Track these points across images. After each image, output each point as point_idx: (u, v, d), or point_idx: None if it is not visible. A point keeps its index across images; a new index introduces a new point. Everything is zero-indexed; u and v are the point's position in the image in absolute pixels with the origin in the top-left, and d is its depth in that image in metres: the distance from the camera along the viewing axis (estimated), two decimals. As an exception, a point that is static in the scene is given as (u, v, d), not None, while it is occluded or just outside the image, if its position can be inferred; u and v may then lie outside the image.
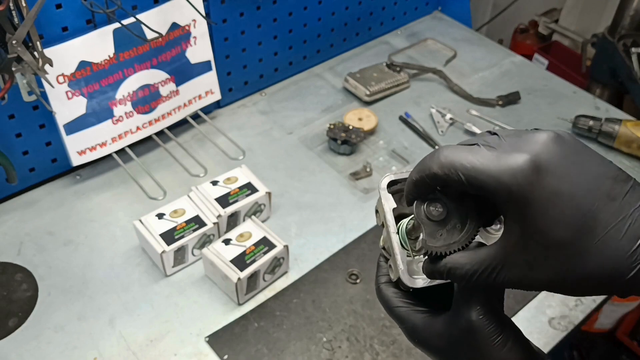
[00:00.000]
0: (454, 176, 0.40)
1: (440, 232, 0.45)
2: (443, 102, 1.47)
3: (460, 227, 0.45)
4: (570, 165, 0.39)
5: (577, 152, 0.39)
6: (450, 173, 0.41)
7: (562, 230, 0.38)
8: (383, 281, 0.51)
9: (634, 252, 0.37)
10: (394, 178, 0.51)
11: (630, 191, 0.38)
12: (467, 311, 0.44)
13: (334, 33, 1.57)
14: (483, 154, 0.40)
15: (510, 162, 0.39)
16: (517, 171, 0.38)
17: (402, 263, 0.48)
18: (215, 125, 1.38)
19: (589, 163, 0.39)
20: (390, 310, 0.49)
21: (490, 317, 0.44)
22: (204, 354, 0.98)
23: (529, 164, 0.38)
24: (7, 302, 1.02)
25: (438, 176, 0.41)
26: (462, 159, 0.40)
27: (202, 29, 1.26)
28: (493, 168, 0.39)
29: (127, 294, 1.06)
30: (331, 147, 1.34)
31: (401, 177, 0.51)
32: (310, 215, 1.20)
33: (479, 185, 0.40)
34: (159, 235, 1.06)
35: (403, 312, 0.49)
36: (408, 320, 0.48)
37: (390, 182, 0.50)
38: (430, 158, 0.42)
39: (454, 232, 0.45)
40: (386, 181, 0.50)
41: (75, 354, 0.97)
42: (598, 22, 1.99)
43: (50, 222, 1.17)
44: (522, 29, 2.20)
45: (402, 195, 0.51)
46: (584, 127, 1.38)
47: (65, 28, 1.09)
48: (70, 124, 1.15)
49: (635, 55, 1.58)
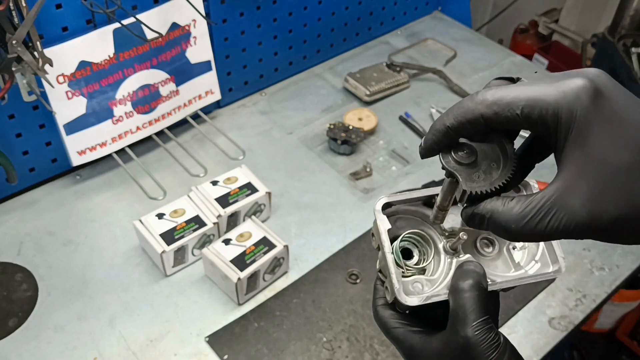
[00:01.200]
0: (507, 112, 0.38)
1: (477, 174, 0.43)
2: (443, 102, 1.47)
3: (496, 165, 0.44)
4: (624, 93, 0.38)
5: (623, 87, 0.39)
6: (501, 110, 0.39)
7: (629, 154, 0.36)
8: (380, 304, 0.51)
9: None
10: (388, 200, 0.51)
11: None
12: (463, 328, 0.44)
13: (334, 33, 1.57)
14: (535, 86, 0.38)
15: (570, 85, 0.37)
16: (580, 91, 0.37)
17: (397, 282, 0.48)
18: (215, 125, 1.38)
19: (636, 96, 0.39)
20: (387, 332, 0.50)
21: (487, 333, 0.44)
22: (204, 354, 0.98)
23: (590, 86, 0.37)
24: (7, 302, 1.02)
25: (486, 116, 0.39)
26: (515, 93, 0.39)
27: (202, 29, 1.26)
28: (552, 93, 0.37)
29: (127, 294, 1.06)
30: (331, 147, 1.34)
31: (395, 199, 0.52)
32: (310, 215, 1.20)
33: (537, 116, 0.38)
34: (159, 235, 1.06)
35: (400, 332, 0.49)
36: (405, 340, 0.48)
37: (385, 204, 0.51)
38: (471, 100, 0.40)
39: (491, 171, 0.44)
40: (381, 203, 0.51)
41: (75, 354, 0.97)
42: (598, 22, 1.99)
43: (50, 222, 1.17)
44: (522, 29, 2.20)
45: (397, 218, 0.53)
46: (584, 127, 1.37)
47: (65, 28, 1.09)
48: (70, 124, 1.15)
49: (635, 55, 1.58)
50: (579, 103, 0.37)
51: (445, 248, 0.52)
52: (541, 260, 0.53)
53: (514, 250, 0.53)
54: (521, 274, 0.52)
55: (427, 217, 0.52)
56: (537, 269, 0.52)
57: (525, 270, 0.52)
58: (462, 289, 0.46)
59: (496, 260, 0.53)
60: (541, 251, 0.53)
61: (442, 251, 0.52)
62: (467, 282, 0.46)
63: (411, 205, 0.53)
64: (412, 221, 0.53)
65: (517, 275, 0.52)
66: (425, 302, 0.48)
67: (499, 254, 0.53)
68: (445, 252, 0.52)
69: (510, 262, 0.53)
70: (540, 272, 0.52)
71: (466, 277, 0.47)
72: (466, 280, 0.46)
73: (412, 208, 0.53)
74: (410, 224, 0.53)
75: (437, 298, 0.49)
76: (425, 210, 0.53)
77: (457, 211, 0.50)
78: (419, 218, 0.53)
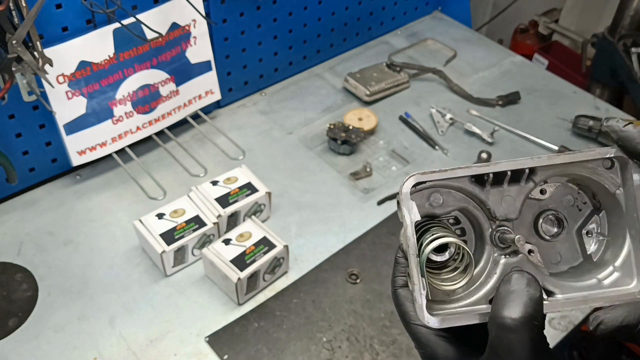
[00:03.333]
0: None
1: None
2: (443, 102, 1.47)
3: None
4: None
5: None
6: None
7: None
8: (400, 284, 0.42)
9: None
10: (422, 179, 0.40)
11: None
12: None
13: (334, 33, 1.57)
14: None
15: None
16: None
17: (420, 296, 0.38)
18: (215, 125, 1.38)
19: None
20: (407, 325, 0.42)
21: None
22: (204, 354, 0.98)
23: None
24: (7, 302, 1.02)
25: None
26: None
27: (202, 29, 1.26)
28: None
29: (127, 294, 1.06)
30: (331, 147, 1.34)
31: (432, 178, 0.40)
32: (310, 215, 1.20)
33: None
34: (159, 235, 1.06)
35: (422, 333, 0.41)
36: (427, 345, 0.40)
37: (416, 184, 0.40)
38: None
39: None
40: (410, 184, 0.39)
41: (75, 354, 0.97)
42: (598, 22, 1.99)
43: (50, 222, 1.17)
44: (522, 29, 2.19)
45: (434, 191, 0.41)
46: (584, 127, 1.38)
47: (65, 28, 1.09)
48: (70, 124, 1.15)
49: (635, 55, 1.58)
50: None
51: (493, 239, 0.41)
52: (622, 269, 0.40)
53: (588, 237, 0.42)
54: (591, 285, 0.40)
55: (475, 196, 0.41)
56: (614, 280, 0.40)
57: (599, 280, 0.40)
58: (509, 326, 0.35)
59: (562, 245, 0.42)
60: (625, 255, 0.40)
61: (487, 240, 0.41)
62: (514, 313, 0.36)
63: (454, 180, 0.41)
64: (453, 196, 0.41)
65: (585, 288, 0.40)
66: (448, 326, 0.39)
67: (567, 236, 0.42)
68: (494, 244, 0.41)
69: (579, 250, 0.42)
70: (619, 288, 0.39)
71: (514, 305, 0.36)
72: (513, 310, 0.36)
73: (455, 183, 0.41)
74: (449, 200, 0.42)
75: (469, 319, 0.39)
76: (475, 187, 0.41)
77: (516, 194, 0.41)
78: (463, 194, 0.42)
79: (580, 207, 0.42)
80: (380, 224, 1.19)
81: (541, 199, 0.42)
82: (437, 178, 0.40)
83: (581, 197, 0.42)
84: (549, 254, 0.42)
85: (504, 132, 1.40)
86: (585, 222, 0.42)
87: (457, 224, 0.43)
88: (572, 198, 0.42)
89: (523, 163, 0.40)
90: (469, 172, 0.40)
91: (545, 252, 0.41)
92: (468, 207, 0.42)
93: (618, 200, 0.40)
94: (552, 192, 0.41)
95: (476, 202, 0.41)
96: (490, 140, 1.37)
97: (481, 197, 0.41)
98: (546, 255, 0.41)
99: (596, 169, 0.40)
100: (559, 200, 0.42)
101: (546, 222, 0.41)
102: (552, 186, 0.41)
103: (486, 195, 0.41)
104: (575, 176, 0.41)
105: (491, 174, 0.40)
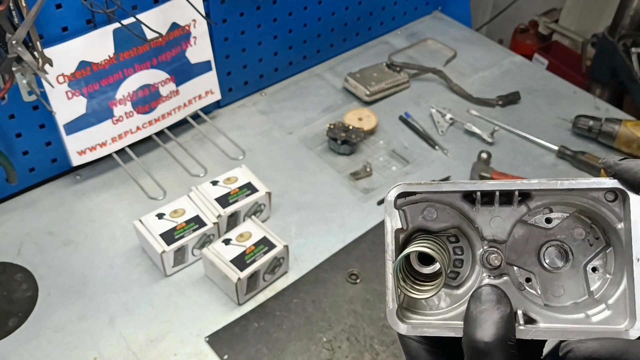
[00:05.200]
0: None
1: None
2: (443, 102, 1.47)
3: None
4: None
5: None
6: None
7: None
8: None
9: None
10: (408, 189, 0.40)
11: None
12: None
13: (334, 33, 1.57)
14: None
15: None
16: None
17: (392, 300, 0.39)
18: (215, 125, 1.38)
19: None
20: (400, 338, 0.42)
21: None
22: (204, 354, 0.98)
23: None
24: (7, 302, 1.02)
25: None
26: None
27: (202, 29, 1.26)
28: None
29: (127, 294, 1.06)
30: (331, 147, 1.34)
31: (420, 189, 0.41)
32: (310, 215, 1.20)
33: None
34: (159, 235, 1.06)
35: (413, 346, 0.40)
36: (415, 358, 0.40)
37: (402, 194, 0.40)
38: None
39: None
40: (395, 193, 0.40)
41: (75, 354, 0.97)
42: (598, 22, 1.99)
43: (50, 222, 1.17)
44: (522, 29, 2.20)
45: (427, 206, 0.41)
46: (584, 127, 1.38)
47: (65, 28, 1.09)
48: (70, 124, 1.15)
49: (635, 55, 1.58)
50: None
51: (482, 259, 0.41)
52: (614, 307, 0.39)
53: (594, 273, 0.41)
54: (578, 319, 0.39)
55: (465, 214, 0.41)
56: (604, 318, 0.39)
57: (588, 315, 0.39)
58: (483, 350, 0.34)
59: (567, 279, 0.41)
60: (620, 293, 0.39)
61: (478, 260, 0.41)
62: (486, 336, 0.35)
63: (445, 196, 0.41)
64: (447, 213, 0.42)
65: (569, 321, 0.39)
66: (417, 334, 0.39)
67: (572, 270, 0.41)
68: (482, 264, 0.41)
69: (584, 287, 0.41)
70: (608, 326, 0.38)
71: (485, 327, 0.35)
72: (484, 333, 0.35)
73: (447, 199, 0.41)
74: (444, 216, 0.42)
75: (438, 331, 0.39)
76: (465, 205, 0.41)
77: (506, 216, 0.40)
78: (456, 211, 0.41)
79: (592, 242, 0.41)
80: (380, 224, 1.19)
81: (547, 227, 0.41)
82: (422, 190, 0.40)
83: (593, 232, 0.41)
84: (553, 285, 0.41)
85: (504, 132, 1.40)
86: (593, 258, 0.41)
87: (456, 242, 0.42)
88: (583, 232, 0.41)
89: (511, 185, 0.39)
90: (455, 187, 0.40)
91: (547, 283, 0.41)
92: (462, 226, 0.41)
93: (619, 235, 0.39)
94: (561, 223, 0.41)
95: (467, 220, 0.41)
96: (490, 140, 1.37)
97: (470, 215, 0.41)
98: (548, 287, 0.40)
99: (600, 199, 0.39)
100: (569, 232, 0.41)
101: (550, 252, 0.41)
102: (559, 216, 0.41)
103: (475, 214, 0.41)
104: (581, 207, 0.40)
105: (479, 192, 0.40)
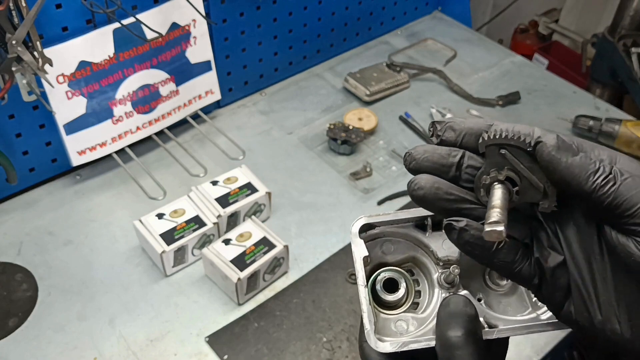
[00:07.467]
0: None
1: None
2: (443, 102, 1.47)
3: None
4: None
5: None
6: None
7: None
8: (366, 339, 0.45)
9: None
10: (369, 221, 0.44)
11: None
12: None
13: (334, 33, 1.57)
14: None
15: None
16: None
17: (369, 322, 0.42)
18: (215, 125, 1.38)
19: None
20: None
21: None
22: (204, 354, 0.98)
23: None
24: (7, 302, 1.02)
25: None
26: None
27: (202, 29, 1.26)
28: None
29: (127, 294, 1.06)
30: (331, 147, 1.34)
31: (378, 220, 0.44)
32: (310, 215, 1.20)
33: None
34: (159, 235, 1.06)
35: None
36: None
37: (364, 226, 0.44)
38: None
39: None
40: (358, 225, 0.44)
41: (75, 354, 0.97)
42: (598, 22, 1.99)
43: (50, 222, 1.17)
44: (522, 29, 2.20)
45: (385, 241, 0.45)
46: (584, 127, 1.38)
47: (65, 28, 1.09)
48: (70, 124, 1.15)
49: (635, 55, 1.58)
50: None
51: (439, 281, 0.44)
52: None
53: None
54: (530, 319, 0.43)
55: (420, 242, 0.45)
56: (551, 315, 0.43)
57: (537, 315, 0.44)
58: (452, 343, 0.39)
59: (509, 296, 0.45)
60: None
61: (436, 284, 0.45)
62: (456, 332, 0.39)
63: (400, 227, 0.45)
64: (403, 245, 0.46)
65: (524, 321, 0.43)
66: (400, 349, 0.41)
67: (513, 289, 0.45)
68: (440, 285, 0.44)
69: (527, 300, 0.45)
70: (555, 321, 0.42)
71: (455, 325, 0.40)
72: (455, 330, 0.39)
73: (402, 230, 0.45)
74: (400, 248, 0.46)
75: (418, 345, 0.41)
76: (418, 233, 0.45)
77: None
78: (411, 242, 0.46)
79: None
80: (380, 224, 1.19)
81: None
82: (383, 220, 0.44)
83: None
84: (501, 303, 0.45)
85: (504, 132, 1.40)
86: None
87: (412, 275, 0.46)
88: None
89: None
90: (410, 214, 0.44)
91: (495, 301, 0.44)
92: (416, 255, 0.46)
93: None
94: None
95: (422, 247, 0.45)
96: (490, 140, 1.36)
97: (424, 242, 0.45)
98: (497, 305, 0.44)
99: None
100: None
101: (492, 276, 0.45)
102: None
103: (428, 240, 0.45)
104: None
105: (429, 219, 0.44)
